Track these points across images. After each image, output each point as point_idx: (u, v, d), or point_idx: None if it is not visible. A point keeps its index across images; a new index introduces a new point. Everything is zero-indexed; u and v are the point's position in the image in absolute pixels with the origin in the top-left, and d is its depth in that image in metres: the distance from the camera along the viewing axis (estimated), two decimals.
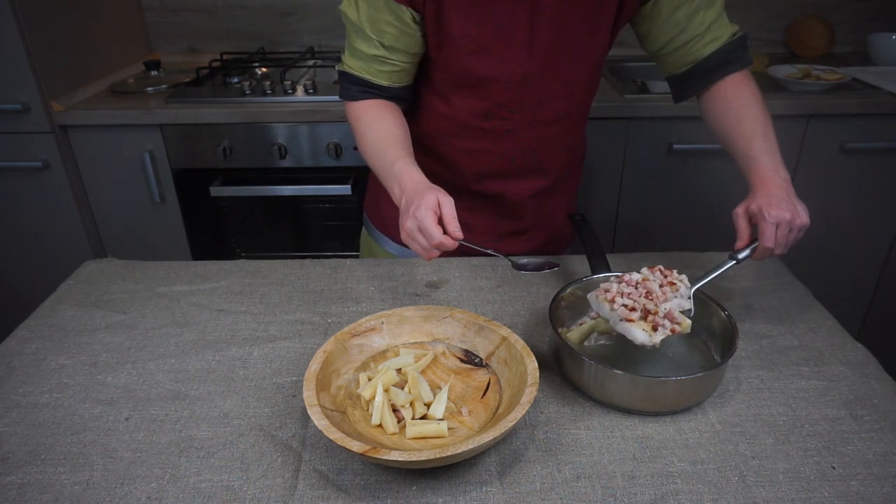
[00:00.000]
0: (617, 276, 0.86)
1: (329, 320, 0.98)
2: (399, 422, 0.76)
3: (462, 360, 0.86)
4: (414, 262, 1.14)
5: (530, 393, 0.72)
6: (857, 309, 2.10)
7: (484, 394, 0.81)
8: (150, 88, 1.95)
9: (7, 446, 0.76)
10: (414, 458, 0.65)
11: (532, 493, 0.69)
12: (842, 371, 0.86)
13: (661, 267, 0.87)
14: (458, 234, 0.85)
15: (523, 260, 0.95)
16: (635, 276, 0.84)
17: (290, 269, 1.12)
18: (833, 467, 0.71)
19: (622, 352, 0.89)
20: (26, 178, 1.83)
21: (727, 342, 0.83)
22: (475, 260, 1.14)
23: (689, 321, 0.81)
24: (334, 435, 0.68)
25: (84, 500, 0.69)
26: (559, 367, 0.87)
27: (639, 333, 0.78)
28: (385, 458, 0.65)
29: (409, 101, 1.08)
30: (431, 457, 0.65)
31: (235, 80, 1.97)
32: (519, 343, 0.81)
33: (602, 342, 0.91)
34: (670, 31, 0.99)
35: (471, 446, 0.66)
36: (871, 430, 0.76)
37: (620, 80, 2.03)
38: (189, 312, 1.01)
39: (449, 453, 0.65)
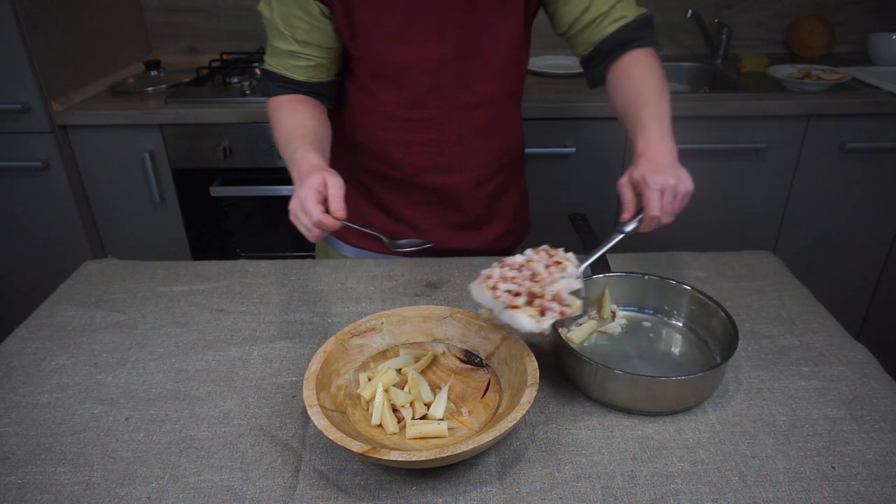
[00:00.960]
0: (499, 261, 0.81)
1: (329, 320, 0.98)
2: (399, 422, 0.76)
3: (462, 360, 0.86)
4: (414, 261, 1.14)
5: (530, 393, 0.72)
6: (857, 309, 2.10)
7: (484, 394, 0.81)
8: (150, 88, 1.95)
9: (7, 446, 0.76)
10: (414, 458, 0.65)
11: (532, 493, 0.69)
12: (842, 371, 0.86)
13: (546, 246, 0.82)
14: (340, 213, 0.84)
15: (400, 241, 0.94)
16: (518, 259, 0.79)
17: (290, 269, 1.12)
18: (833, 467, 0.71)
19: (622, 352, 0.89)
20: (26, 178, 1.83)
21: (727, 342, 0.83)
22: (475, 260, 1.14)
23: (579, 302, 0.77)
24: (334, 435, 0.68)
25: (84, 500, 0.69)
26: (559, 367, 0.87)
27: (525, 321, 0.73)
28: (385, 458, 0.65)
29: (333, 97, 1.09)
30: (431, 457, 0.65)
31: (235, 80, 1.97)
32: (519, 343, 0.81)
33: (602, 342, 0.91)
34: (574, 9, 1.00)
35: (471, 446, 0.66)
36: (871, 430, 0.76)
37: None
38: (189, 312, 1.01)
39: (449, 453, 0.65)
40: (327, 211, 0.84)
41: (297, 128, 0.99)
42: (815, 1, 2.24)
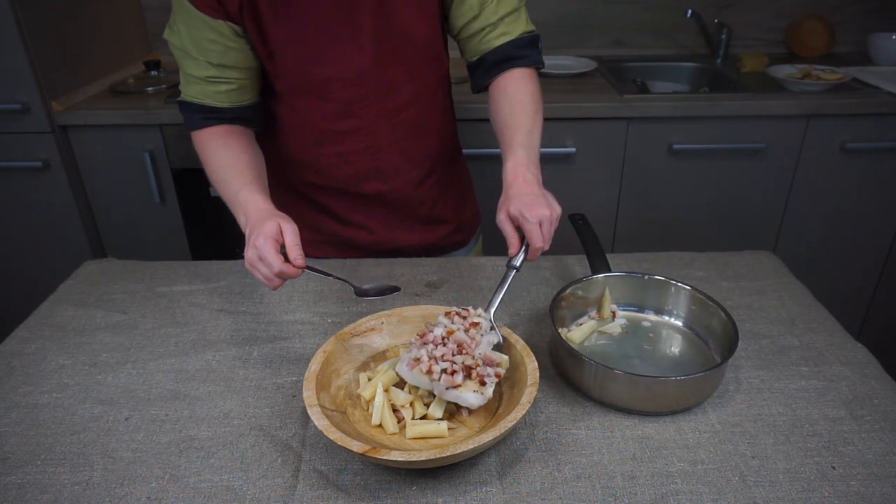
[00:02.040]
0: (418, 336, 0.79)
1: (329, 320, 0.98)
2: (399, 422, 0.76)
3: None
4: (414, 262, 1.14)
5: (530, 393, 0.72)
6: (857, 309, 2.10)
7: None
8: (150, 88, 1.94)
9: (7, 446, 0.76)
10: (414, 458, 0.65)
11: (532, 493, 0.69)
12: (842, 371, 0.86)
13: (456, 309, 0.82)
14: (300, 261, 0.82)
15: (366, 286, 0.91)
16: (438, 332, 0.78)
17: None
18: (833, 467, 0.71)
19: (622, 352, 0.89)
20: (26, 178, 1.83)
21: (727, 342, 0.83)
22: (475, 260, 1.14)
23: (505, 357, 0.79)
24: (334, 435, 0.68)
25: (84, 500, 0.69)
26: (559, 367, 0.87)
27: (471, 397, 0.73)
28: (385, 458, 0.65)
29: (259, 120, 1.06)
30: (431, 457, 0.65)
31: None
32: (519, 343, 0.81)
33: (602, 342, 0.91)
34: (465, 15, 1.01)
35: (471, 446, 0.66)
36: (871, 430, 0.76)
37: (620, 80, 2.03)
38: (189, 312, 1.01)
39: (449, 453, 0.65)
40: (285, 258, 0.82)
41: (233, 165, 0.96)
42: (815, 1, 2.24)
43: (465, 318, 0.81)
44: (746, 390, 0.83)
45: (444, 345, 0.76)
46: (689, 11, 2.14)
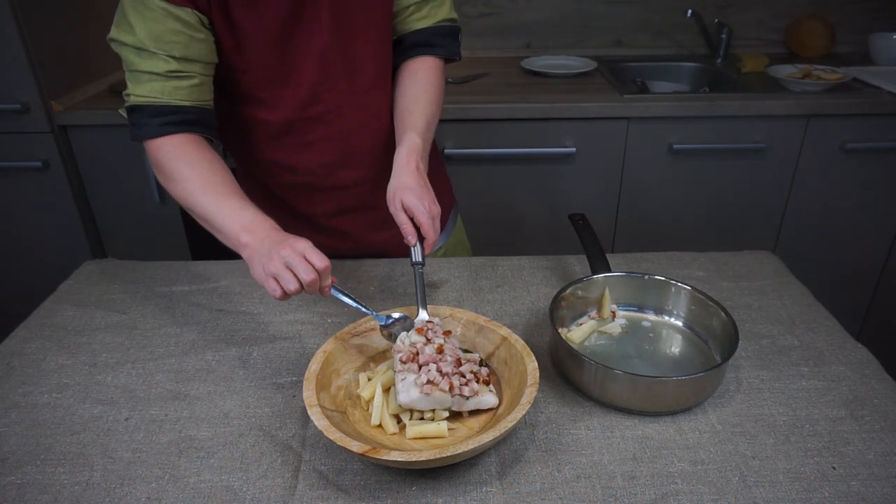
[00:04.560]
0: (403, 364, 0.77)
1: (329, 320, 0.98)
2: (399, 422, 0.76)
3: None
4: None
5: (530, 393, 0.72)
6: (857, 309, 2.10)
7: None
8: None
9: (7, 446, 0.76)
10: (414, 458, 0.65)
11: (532, 493, 0.69)
12: (842, 371, 0.86)
13: (422, 326, 0.81)
14: (332, 279, 0.83)
15: (389, 320, 0.86)
16: (429, 351, 0.77)
17: None
18: (833, 467, 0.71)
19: (622, 352, 0.89)
20: (26, 178, 1.83)
21: (727, 342, 0.83)
22: (475, 260, 1.14)
23: (477, 353, 0.83)
24: (334, 435, 0.68)
25: (84, 500, 0.69)
26: (559, 367, 0.87)
27: (490, 398, 0.77)
28: (385, 458, 0.65)
29: (214, 131, 0.99)
30: (431, 457, 0.65)
31: None
32: (519, 343, 0.81)
33: (602, 342, 0.91)
34: None
35: (471, 446, 0.66)
36: (871, 431, 0.76)
37: (620, 80, 2.02)
38: (189, 312, 1.01)
39: (449, 453, 0.65)
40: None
41: (227, 181, 0.91)
42: (815, 1, 2.24)
43: (436, 331, 0.81)
44: (746, 390, 0.83)
45: (443, 360, 0.77)
46: (689, 11, 2.15)
